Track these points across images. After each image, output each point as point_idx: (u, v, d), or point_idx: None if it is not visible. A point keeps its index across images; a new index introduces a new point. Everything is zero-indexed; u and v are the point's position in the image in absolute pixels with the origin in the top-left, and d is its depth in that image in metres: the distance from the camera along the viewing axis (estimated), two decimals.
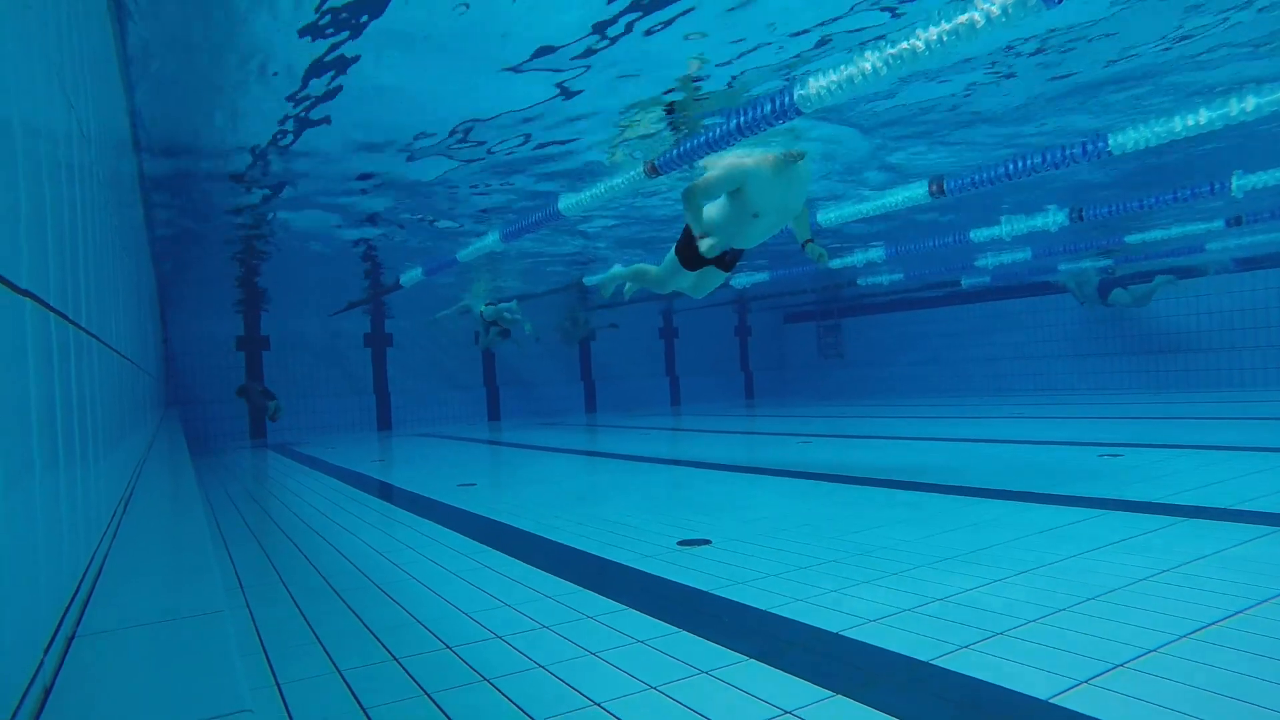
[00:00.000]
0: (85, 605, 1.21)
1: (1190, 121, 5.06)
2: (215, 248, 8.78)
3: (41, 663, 0.91)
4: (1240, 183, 6.93)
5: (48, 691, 0.92)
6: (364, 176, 6.27)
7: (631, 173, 5.64)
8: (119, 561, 1.51)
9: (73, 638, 1.05)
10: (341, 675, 2.42)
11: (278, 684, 2.37)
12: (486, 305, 13.13)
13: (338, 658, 2.57)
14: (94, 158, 1.94)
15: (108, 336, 2.14)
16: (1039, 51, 4.46)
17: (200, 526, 2.04)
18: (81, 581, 1.25)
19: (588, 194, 6.28)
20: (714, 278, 5.68)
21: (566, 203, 6.56)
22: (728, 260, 5.46)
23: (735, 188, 4.92)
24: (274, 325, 14.82)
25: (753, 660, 2.37)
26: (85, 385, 1.51)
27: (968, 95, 5.15)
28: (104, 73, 2.62)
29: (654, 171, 5.45)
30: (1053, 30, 4.19)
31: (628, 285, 6.19)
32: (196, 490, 3.37)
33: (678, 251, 5.47)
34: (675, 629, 2.69)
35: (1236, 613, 2.52)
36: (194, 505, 2.58)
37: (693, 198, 4.85)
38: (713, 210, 5.11)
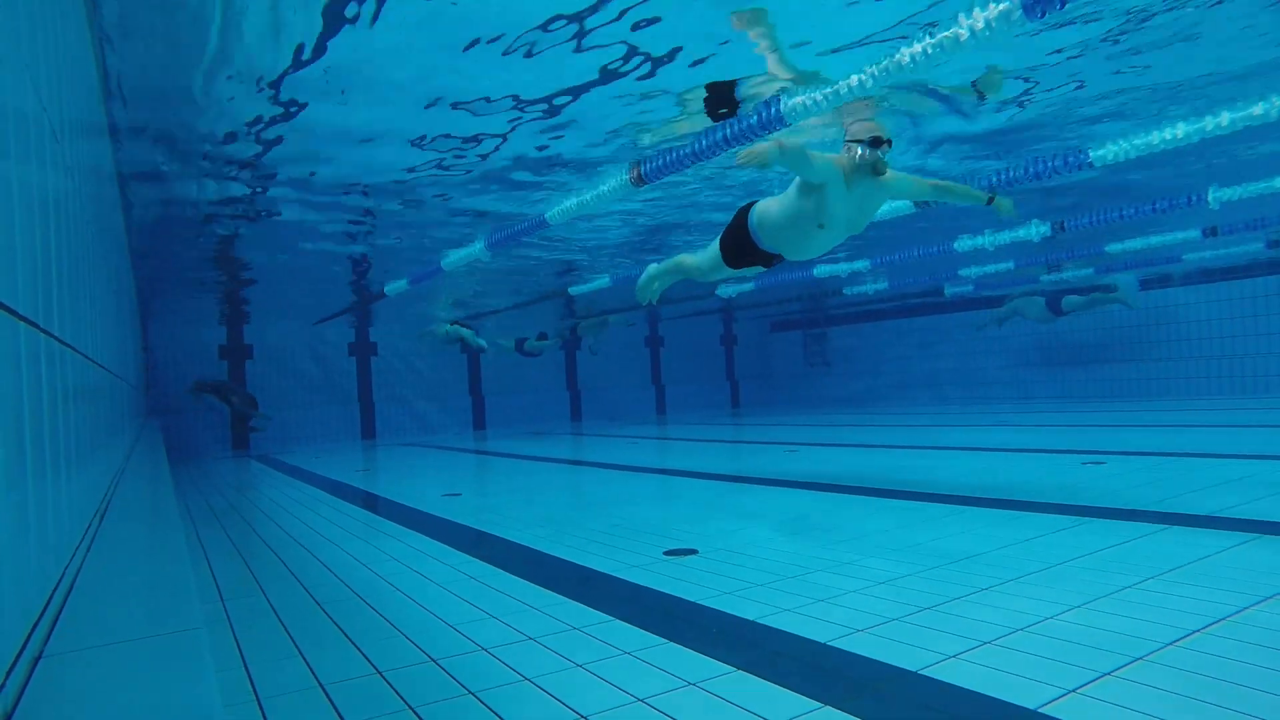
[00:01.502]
0: (55, 623, 1.17)
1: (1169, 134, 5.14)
2: (195, 228, 7.62)
3: (3, 684, 0.88)
4: (1216, 195, 7.04)
5: (9, 716, 0.88)
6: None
7: (616, 180, 5.64)
8: (92, 577, 1.47)
9: (39, 657, 1.02)
10: (324, 689, 2.38)
11: (258, 698, 2.33)
12: (450, 325, 13.87)
13: (320, 671, 2.53)
14: (69, 159, 1.91)
15: (83, 345, 2.10)
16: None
17: (177, 540, 2.00)
18: (51, 598, 1.21)
19: (574, 201, 6.27)
20: (757, 269, 4.97)
21: (553, 211, 6.56)
22: (773, 261, 4.79)
23: (819, 182, 4.15)
24: (257, 334, 14.68)
25: (741, 671, 2.35)
26: (58, 395, 1.47)
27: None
28: (77, 62, 2.56)
29: (640, 180, 5.45)
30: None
31: (658, 284, 5.27)
32: (174, 502, 3.31)
33: (724, 248, 4.73)
34: (663, 640, 2.67)
35: (1221, 619, 2.53)
36: (171, 518, 2.53)
37: (790, 152, 3.96)
38: (773, 208, 4.43)
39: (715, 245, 4.82)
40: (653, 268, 5.27)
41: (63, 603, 1.26)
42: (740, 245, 4.63)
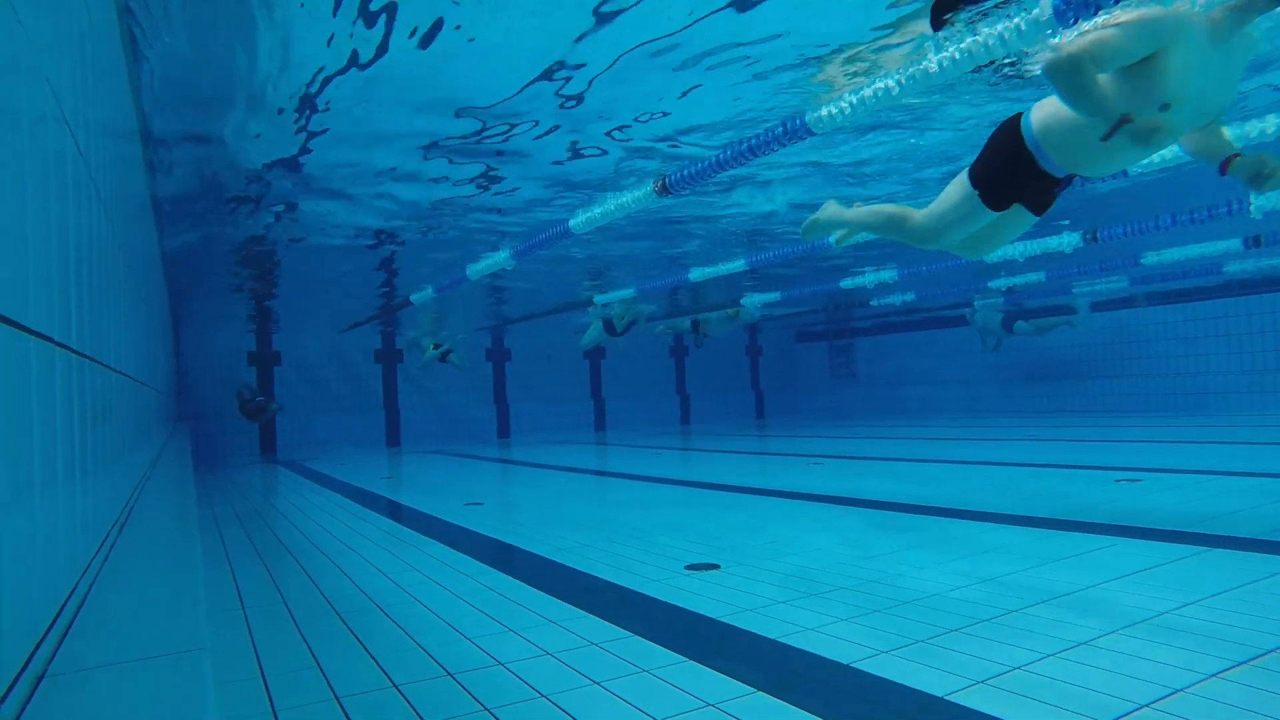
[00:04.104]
0: (61, 641, 1.16)
1: None
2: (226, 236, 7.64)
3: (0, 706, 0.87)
4: (1259, 203, 6.84)
5: None
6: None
7: (640, 191, 5.63)
8: (104, 592, 1.46)
9: (42, 677, 1.01)
10: (340, 703, 2.37)
11: (274, 712, 2.32)
12: (434, 349, 14.44)
13: (337, 685, 2.52)
14: (92, 167, 1.91)
15: (105, 356, 2.11)
16: None
17: (193, 553, 2.00)
18: (59, 615, 1.21)
19: (598, 210, 6.28)
20: (1019, 221, 3.43)
21: (577, 220, 6.57)
22: (1058, 190, 3.29)
23: (1154, 50, 2.60)
24: (285, 341, 14.90)
25: (761, 692, 2.29)
26: (74, 407, 1.48)
27: None
28: (106, 67, 2.55)
29: (665, 190, 5.43)
30: None
31: (839, 231, 4.11)
32: (195, 511, 3.33)
33: (978, 181, 3.23)
34: (682, 658, 2.62)
35: (1271, 650, 2.42)
36: (190, 529, 2.54)
37: (1082, 69, 2.56)
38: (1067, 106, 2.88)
39: (961, 185, 3.29)
40: (836, 208, 3.94)
41: (71, 619, 1.26)
42: (1013, 172, 3.16)
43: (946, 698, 2.19)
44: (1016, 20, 3.27)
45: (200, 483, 8.80)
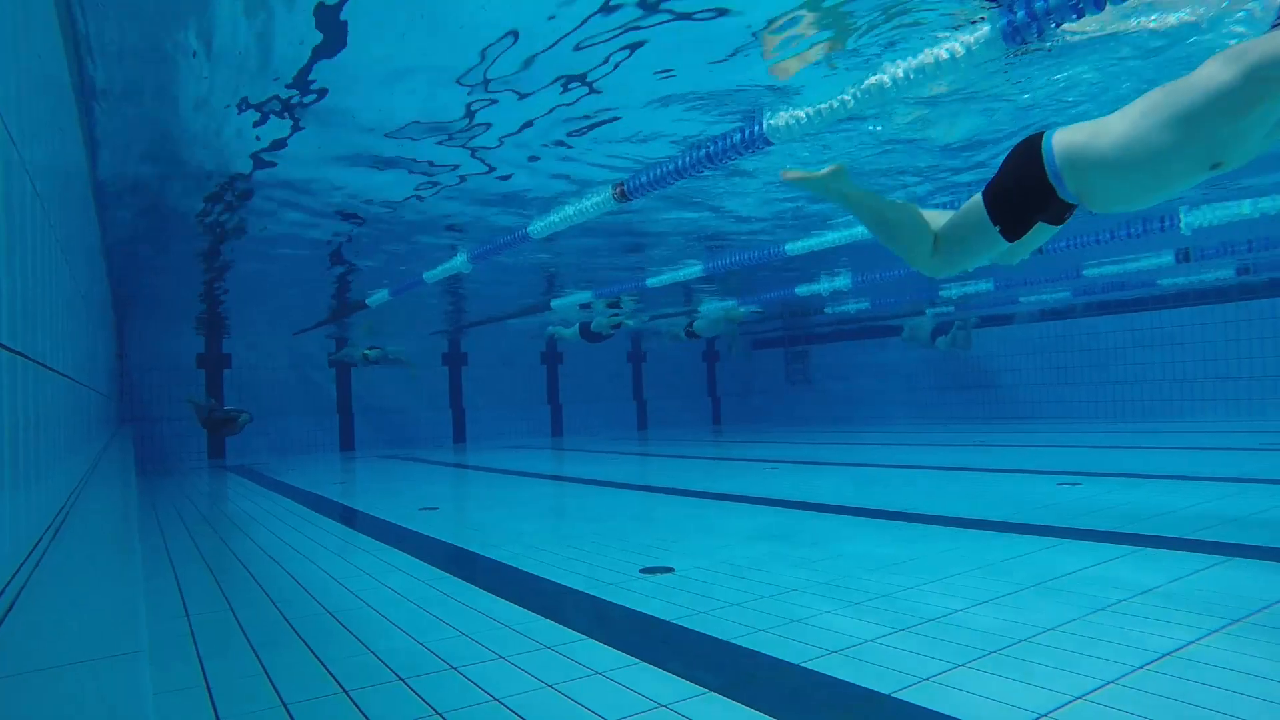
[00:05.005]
0: None
1: None
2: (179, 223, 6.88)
3: None
4: (1189, 220, 7.17)
5: None
6: None
7: (599, 197, 5.65)
8: (34, 597, 1.41)
9: None
10: (288, 710, 2.33)
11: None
12: (370, 349, 14.44)
13: (286, 693, 2.47)
14: (24, 158, 1.82)
15: (39, 353, 2.04)
16: None
17: (132, 557, 1.94)
18: None
19: (557, 215, 6.27)
20: (1042, 234, 3.00)
21: (536, 226, 6.55)
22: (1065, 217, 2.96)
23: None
24: (236, 344, 14.50)
25: (714, 694, 2.32)
26: (3, 407, 1.41)
27: None
28: (38, 38, 2.36)
29: (623, 196, 5.46)
30: None
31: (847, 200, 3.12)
32: (136, 517, 3.23)
33: (996, 213, 2.86)
34: (635, 660, 2.63)
35: (1191, 642, 2.54)
36: (130, 533, 2.46)
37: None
38: (1106, 139, 2.55)
39: (979, 212, 2.93)
40: (853, 186, 3.11)
41: None
42: (1027, 198, 2.83)
43: (894, 695, 2.24)
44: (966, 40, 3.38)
45: (145, 488, 8.51)
